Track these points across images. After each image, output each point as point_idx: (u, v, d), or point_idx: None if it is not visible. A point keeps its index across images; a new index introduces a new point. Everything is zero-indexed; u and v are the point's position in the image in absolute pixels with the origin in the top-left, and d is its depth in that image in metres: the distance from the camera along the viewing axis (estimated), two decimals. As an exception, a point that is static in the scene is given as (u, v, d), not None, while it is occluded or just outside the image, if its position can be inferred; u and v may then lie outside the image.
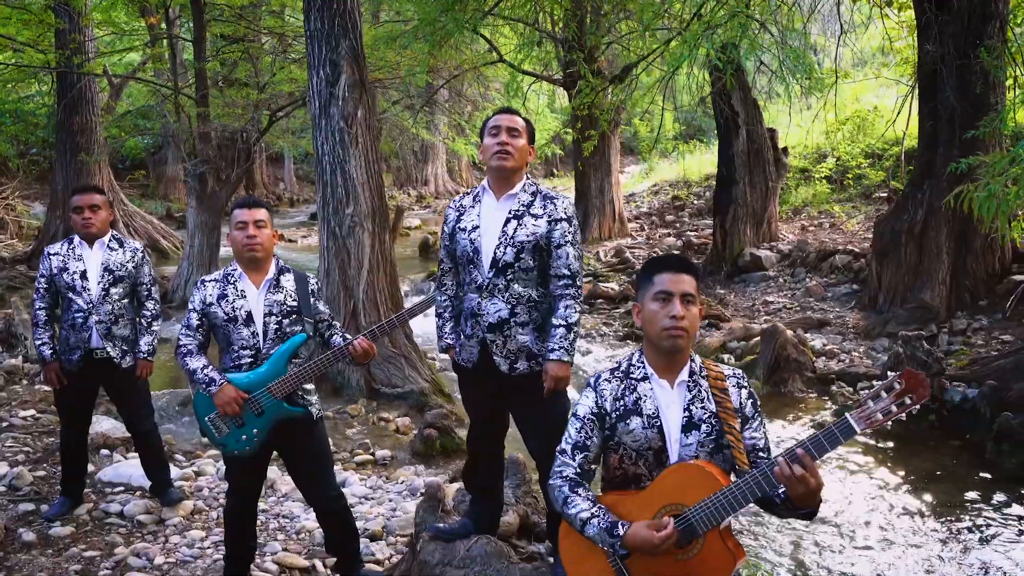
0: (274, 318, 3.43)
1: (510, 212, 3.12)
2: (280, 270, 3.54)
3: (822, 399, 7.16)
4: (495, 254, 3.09)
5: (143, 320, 4.52)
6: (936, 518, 4.97)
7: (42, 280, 4.43)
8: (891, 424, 6.35)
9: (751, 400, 2.45)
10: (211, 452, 5.66)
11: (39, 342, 4.41)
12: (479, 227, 3.15)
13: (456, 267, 3.29)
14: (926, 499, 5.24)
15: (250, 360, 3.39)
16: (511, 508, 3.69)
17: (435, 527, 3.43)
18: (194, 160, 11.10)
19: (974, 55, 7.93)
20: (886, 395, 2.13)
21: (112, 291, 4.40)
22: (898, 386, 2.12)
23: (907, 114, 9.51)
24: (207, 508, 4.71)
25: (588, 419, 2.46)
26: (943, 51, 8.27)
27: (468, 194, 3.30)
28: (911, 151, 10.51)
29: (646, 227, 16.89)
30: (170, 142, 18.01)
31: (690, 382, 2.42)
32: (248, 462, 3.45)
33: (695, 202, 17.96)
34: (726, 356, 8.44)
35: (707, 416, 2.38)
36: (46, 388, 6.74)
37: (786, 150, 12.94)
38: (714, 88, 11.36)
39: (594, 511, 2.37)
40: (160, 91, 13.04)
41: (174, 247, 15.58)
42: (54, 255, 4.42)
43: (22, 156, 18.92)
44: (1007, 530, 4.78)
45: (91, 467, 5.03)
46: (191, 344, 3.42)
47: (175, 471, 5.06)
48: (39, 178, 18.88)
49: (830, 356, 8.00)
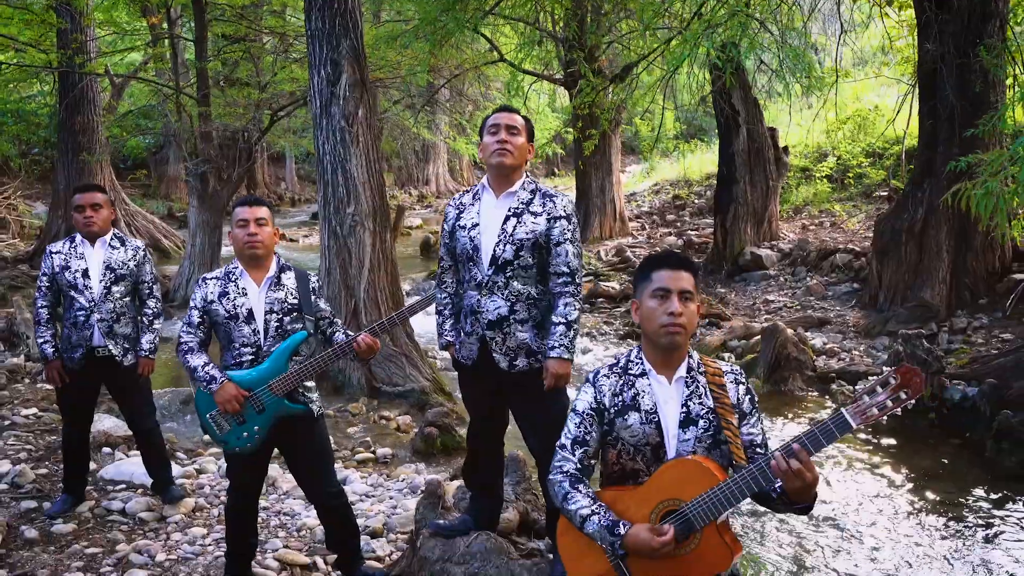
0: (275, 316, 3.44)
1: (510, 210, 3.14)
2: (281, 268, 3.55)
3: (822, 397, 7.17)
4: (495, 252, 3.11)
5: (144, 318, 4.54)
6: (936, 516, 4.98)
7: (44, 278, 4.44)
8: (889, 421, 6.35)
9: (749, 396, 2.46)
10: (212, 450, 5.68)
11: (41, 340, 4.42)
12: (479, 225, 3.16)
13: (456, 265, 3.30)
14: (926, 497, 5.25)
15: (251, 358, 3.41)
16: (511, 505, 3.71)
17: (435, 523, 3.45)
18: (195, 160, 11.12)
19: (974, 54, 7.94)
20: (881, 390, 2.14)
21: (114, 289, 4.42)
22: (893, 381, 2.13)
23: (907, 113, 9.52)
24: (208, 505, 4.73)
25: (587, 414, 2.48)
26: (943, 50, 8.28)
27: (468, 192, 3.31)
28: (912, 150, 10.52)
29: (647, 226, 16.90)
30: (171, 142, 18.02)
31: (688, 378, 2.43)
32: (249, 459, 3.47)
33: (696, 201, 17.97)
34: (726, 355, 8.45)
35: (705, 412, 2.39)
36: (48, 386, 6.77)
37: (787, 149, 12.95)
38: (714, 87, 11.37)
39: (594, 508, 2.38)
40: (162, 91, 13.06)
41: (175, 246, 15.61)
42: (56, 253, 4.44)
43: (24, 156, 18.95)
44: (1007, 528, 4.79)
45: (93, 465, 5.04)
46: (192, 342, 3.44)
47: (177, 469, 5.07)
48: (41, 178, 18.91)
49: (830, 355, 8.01)
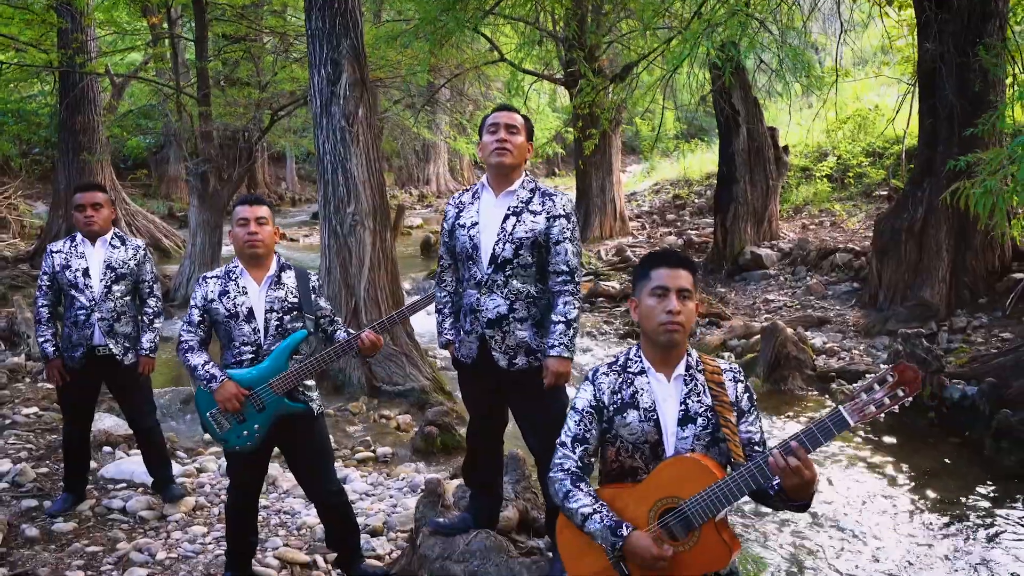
0: (275, 314, 3.45)
1: (509, 209, 3.14)
2: (281, 267, 3.56)
3: (822, 397, 7.18)
4: (494, 250, 3.11)
5: (145, 317, 4.54)
6: (936, 515, 4.98)
7: (45, 277, 4.45)
8: (889, 420, 6.35)
9: (747, 394, 2.46)
10: (213, 449, 5.69)
11: (42, 339, 4.43)
12: (478, 224, 3.17)
13: (455, 263, 3.30)
14: (926, 496, 5.26)
15: (251, 356, 3.42)
16: (511, 503, 3.72)
17: (435, 522, 3.46)
18: (196, 159, 11.12)
19: (973, 53, 7.94)
20: (879, 387, 2.15)
21: (114, 288, 4.43)
22: (891, 378, 2.14)
23: (907, 112, 9.53)
24: (209, 504, 4.74)
25: (587, 412, 2.48)
26: (943, 49, 8.28)
27: (467, 191, 3.31)
28: (912, 149, 10.52)
29: (647, 226, 16.91)
30: (172, 141, 18.03)
31: (687, 376, 2.44)
32: (249, 458, 3.48)
33: (696, 201, 17.98)
34: (726, 354, 8.46)
35: (703, 410, 2.40)
36: (49, 386, 6.77)
37: (787, 149, 12.96)
38: (714, 87, 11.38)
39: (596, 507, 2.38)
40: (162, 90, 13.07)
41: (176, 246, 15.61)
42: (56, 253, 4.44)
43: (24, 156, 18.96)
44: (1006, 526, 4.80)
45: (93, 464, 5.05)
46: (192, 340, 3.45)
47: (177, 468, 5.08)
48: (41, 177, 18.92)
49: (830, 354, 8.01)
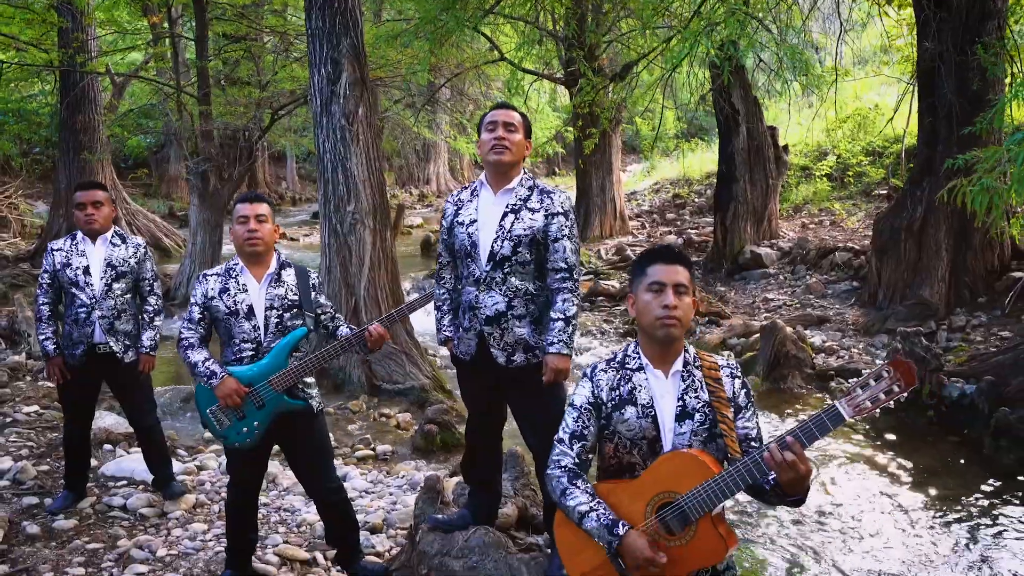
0: (275, 312, 3.46)
1: (507, 206, 3.15)
2: (281, 264, 3.57)
3: (821, 395, 7.19)
4: (492, 248, 3.12)
5: (145, 315, 4.56)
6: (935, 513, 5.00)
7: (45, 276, 4.46)
8: (888, 419, 6.36)
9: (744, 390, 2.47)
10: (213, 447, 5.70)
11: (42, 337, 4.44)
12: (477, 221, 3.18)
13: (454, 261, 3.31)
14: (925, 494, 5.27)
15: (251, 353, 3.43)
16: (510, 500, 3.73)
17: (434, 518, 3.47)
18: (196, 158, 11.13)
19: (972, 52, 7.96)
20: (874, 383, 2.16)
21: (115, 286, 4.44)
22: (886, 374, 2.15)
23: (907, 112, 9.54)
24: (209, 502, 4.75)
25: (585, 408, 2.49)
26: (941, 48, 8.30)
27: (466, 188, 3.32)
28: (911, 148, 10.54)
29: (647, 225, 16.93)
30: (172, 140, 18.05)
31: (684, 372, 2.45)
32: (249, 455, 3.50)
33: (696, 200, 17.99)
34: (726, 353, 8.47)
35: (701, 405, 2.41)
36: (49, 384, 6.79)
37: (786, 148, 12.97)
38: (714, 86, 11.39)
39: (593, 505, 2.39)
40: (162, 90, 13.08)
41: (176, 245, 15.63)
42: (57, 251, 4.46)
43: (25, 155, 18.98)
44: (1006, 524, 4.81)
45: (94, 462, 5.07)
46: (193, 337, 3.46)
47: (177, 466, 5.10)
48: (42, 177, 18.94)
49: (829, 353, 8.03)
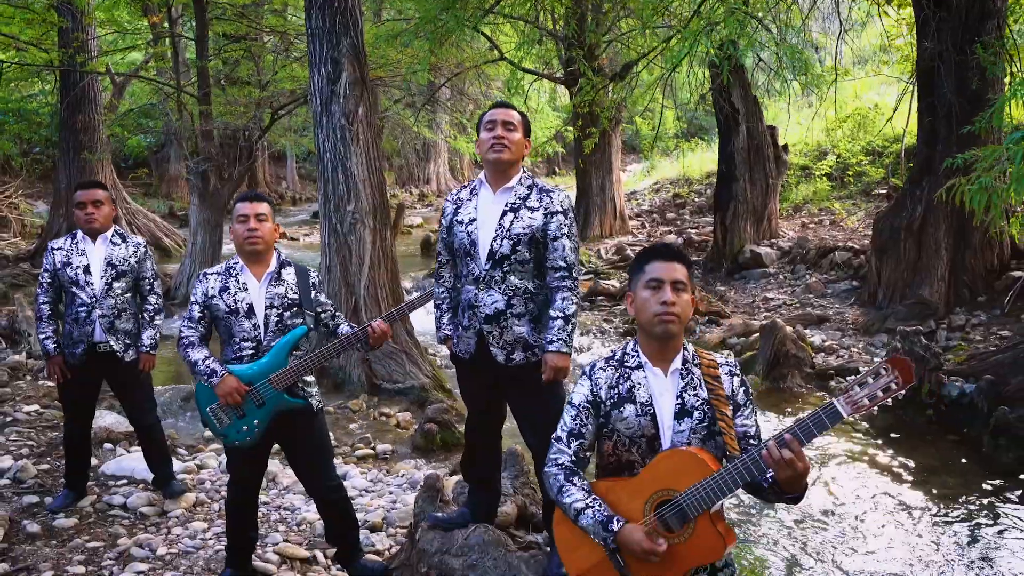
0: (275, 311, 3.47)
1: (507, 205, 3.16)
2: (281, 263, 3.58)
3: (821, 394, 7.20)
4: (492, 246, 3.13)
5: (145, 314, 4.56)
6: (934, 512, 5.00)
7: (46, 275, 4.47)
8: (887, 418, 6.35)
9: (743, 388, 2.48)
10: (213, 446, 5.71)
11: (43, 336, 4.45)
12: (476, 220, 3.18)
13: (454, 259, 3.32)
14: (924, 493, 5.27)
15: (251, 352, 3.44)
16: (509, 499, 3.73)
17: (433, 516, 3.48)
18: (196, 158, 11.14)
19: (971, 52, 7.96)
20: (872, 380, 2.17)
21: (115, 285, 4.45)
22: (884, 372, 2.16)
23: (907, 111, 9.55)
24: (209, 500, 4.76)
25: (583, 407, 2.50)
26: (941, 48, 8.30)
27: (465, 187, 3.33)
28: (911, 148, 10.54)
29: (647, 225, 16.93)
30: (173, 140, 18.05)
31: (683, 370, 2.45)
32: (249, 453, 3.50)
33: (696, 200, 18.00)
34: (725, 352, 8.48)
35: (699, 403, 2.41)
36: (50, 384, 6.80)
37: (786, 147, 12.98)
38: (713, 85, 11.40)
39: (588, 502, 2.40)
40: (163, 89, 13.09)
41: (176, 245, 15.64)
42: (58, 250, 4.46)
43: (25, 155, 18.99)
44: (1005, 523, 4.82)
45: (94, 460, 5.08)
46: (193, 336, 3.46)
47: (177, 464, 5.10)
48: (42, 176, 18.95)
49: (829, 352, 8.04)
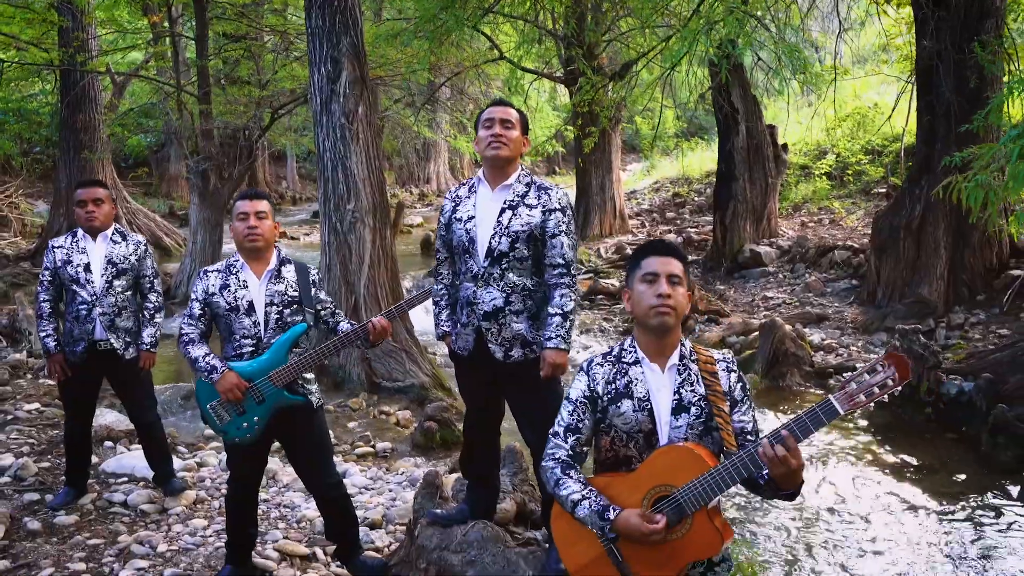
0: (275, 308, 3.48)
1: (505, 202, 3.17)
2: (281, 261, 3.59)
3: (820, 393, 7.21)
4: (490, 244, 3.14)
5: (146, 312, 4.57)
6: (932, 509, 5.02)
7: (46, 273, 4.48)
8: (886, 416, 6.35)
9: (740, 384, 2.49)
10: (213, 444, 5.72)
11: (43, 334, 4.46)
12: (475, 217, 3.20)
13: (452, 256, 3.33)
14: (922, 491, 5.29)
15: (251, 349, 3.45)
16: (508, 496, 3.74)
17: (432, 513, 3.49)
18: (197, 157, 11.15)
19: (969, 50, 7.97)
20: (869, 377, 2.18)
21: (115, 283, 4.46)
22: (880, 368, 2.17)
23: (906, 110, 9.56)
24: (209, 498, 4.77)
25: (580, 402, 2.51)
26: (940, 47, 8.31)
27: (464, 185, 3.34)
28: (911, 147, 10.55)
29: (647, 224, 16.94)
30: (173, 140, 18.06)
31: (680, 366, 2.46)
32: (249, 450, 3.52)
33: (696, 199, 18.01)
34: (725, 351, 8.50)
35: (697, 399, 2.42)
36: (50, 382, 6.81)
37: (786, 146, 12.98)
38: (713, 84, 11.41)
39: (585, 493, 2.41)
40: (163, 89, 13.10)
41: (176, 244, 15.66)
42: (58, 248, 4.48)
43: (26, 154, 19.01)
44: (1003, 521, 4.83)
45: (95, 458, 5.09)
46: (193, 333, 3.48)
47: (178, 462, 5.11)
48: (42, 176, 18.96)
49: (828, 350, 8.05)
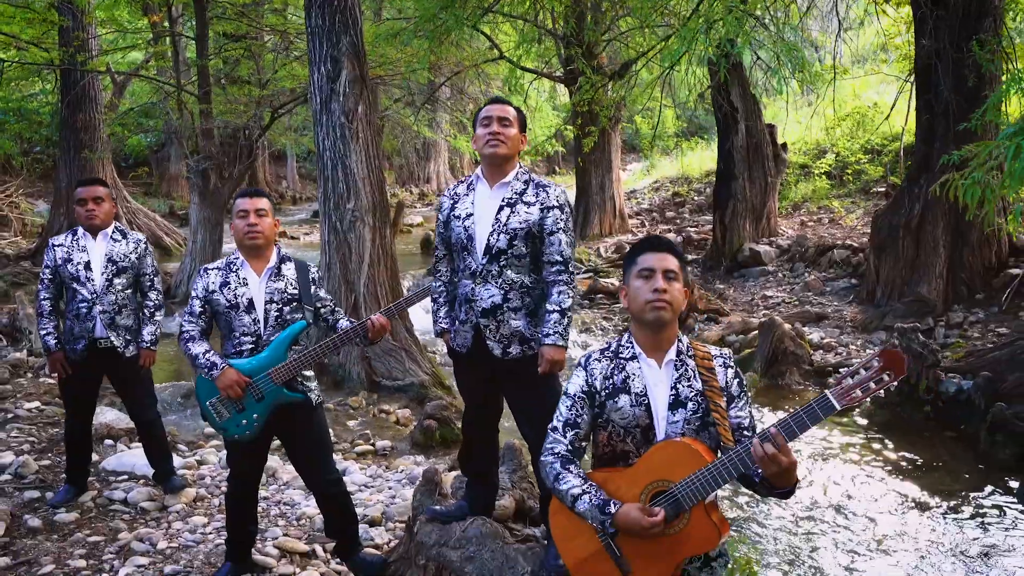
0: (275, 305, 3.49)
1: (503, 200, 3.18)
2: (281, 259, 3.60)
3: (819, 391, 7.22)
4: (489, 241, 3.15)
5: (146, 310, 4.58)
6: (932, 507, 5.03)
7: (47, 271, 4.49)
8: (885, 414, 6.35)
9: (737, 380, 2.50)
10: (213, 442, 5.74)
11: (44, 332, 4.47)
12: (473, 215, 3.21)
13: (451, 254, 3.35)
14: (921, 488, 5.30)
15: (251, 346, 3.46)
16: (507, 493, 3.76)
17: (432, 509, 3.51)
18: (197, 157, 11.17)
19: (968, 49, 7.99)
20: (865, 372, 2.20)
21: (115, 281, 4.47)
22: (876, 364, 2.19)
23: (905, 109, 9.57)
24: (209, 496, 4.78)
25: (579, 397, 2.52)
26: (938, 46, 8.33)
27: (462, 183, 3.35)
28: (910, 146, 10.56)
29: (647, 223, 16.95)
30: (173, 139, 18.07)
31: (677, 361, 2.47)
32: (248, 447, 3.53)
33: (695, 198, 18.02)
34: (723, 349, 8.51)
35: (693, 394, 2.44)
36: (50, 381, 6.83)
37: (785, 146, 12.99)
38: (712, 83, 11.42)
39: (585, 487, 2.42)
40: (163, 88, 13.12)
41: (177, 244, 15.67)
42: (58, 246, 4.49)
43: (26, 154, 19.03)
44: (1002, 519, 4.84)
45: (95, 456, 5.10)
46: (194, 330, 3.49)
47: (178, 460, 5.13)
48: (43, 176, 18.99)
49: (827, 349, 8.06)
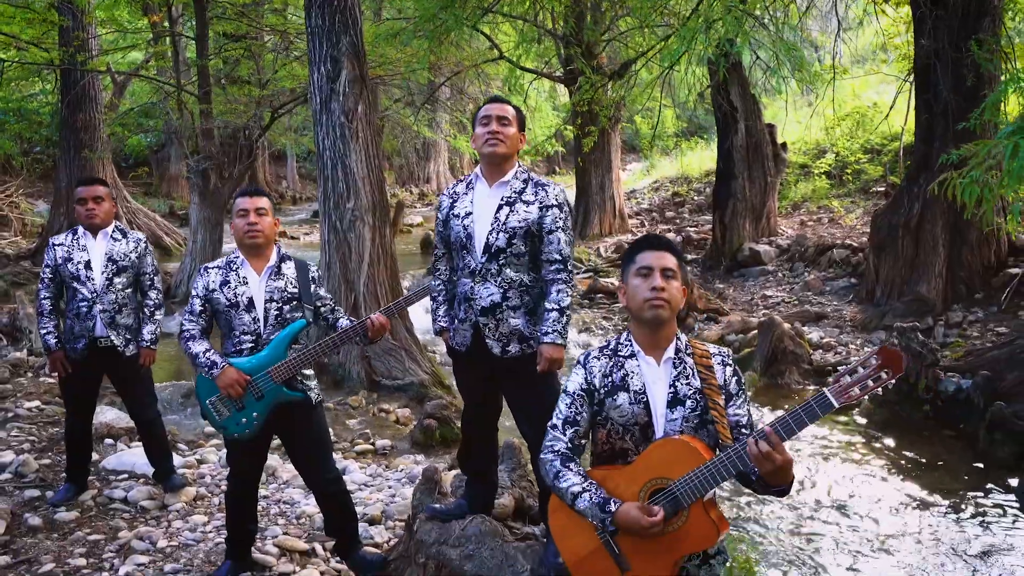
0: (275, 304, 3.50)
1: (502, 199, 3.19)
2: (281, 258, 3.61)
3: (818, 390, 7.23)
4: (488, 240, 3.16)
5: (146, 309, 4.59)
6: (931, 506, 5.03)
7: (47, 270, 4.50)
8: (884, 412, 6.36)
9: (735, 378, 2.51)
10: (213, 441, 5.74)
11: (44, 331, 4.48)
12: (472, 214, 3.22)
13: (450, 253, 3.36)
14: (920, 487, 5.31)
15: (251, 345, 3.47)
16: (506, 491, 3.76)
17: (431, 507, 3.51)
18: (197, 157, 11.18)
19: (967, 49, 7.99)
20: (863, 370, 2.20)
21: (116, 281, 4.48)
22: (875, 361, 2.20)
23: (905, 109, 9.58)
24: (209, 494, 4.79)
25: (578, 395, 2.53)
26: (937, 46, 8.33)
27: (461, 181, 3.36)
28: (910, 146, 10.57)
29: (647, 223, 16.95)
30: (173, 139, 18.07)
31: (676, 359, 2.48)
32: (248, 446, 3.53)
33: (695, 198, 18.03)
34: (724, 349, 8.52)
35: (692, 392, 2.44)
36: (51, 380, 6.83)
37: (785, 145, 12.99)
38: (711, 83, 11.43)
39: (585, 485, 2.43)
40: (163, 88, 13.12)
41: (177, 244, 15.68)
42: (59, 245, 4.49)
43: (26, 154, 19.04)
44: (1001, 518, 4.85)
45: (95, 455, 5.10)
46: (194, 329, 3.50)
47: (178, 459, 5.13)
48: (43, 176, 18.99)
49: (827, 349, 8.06)
